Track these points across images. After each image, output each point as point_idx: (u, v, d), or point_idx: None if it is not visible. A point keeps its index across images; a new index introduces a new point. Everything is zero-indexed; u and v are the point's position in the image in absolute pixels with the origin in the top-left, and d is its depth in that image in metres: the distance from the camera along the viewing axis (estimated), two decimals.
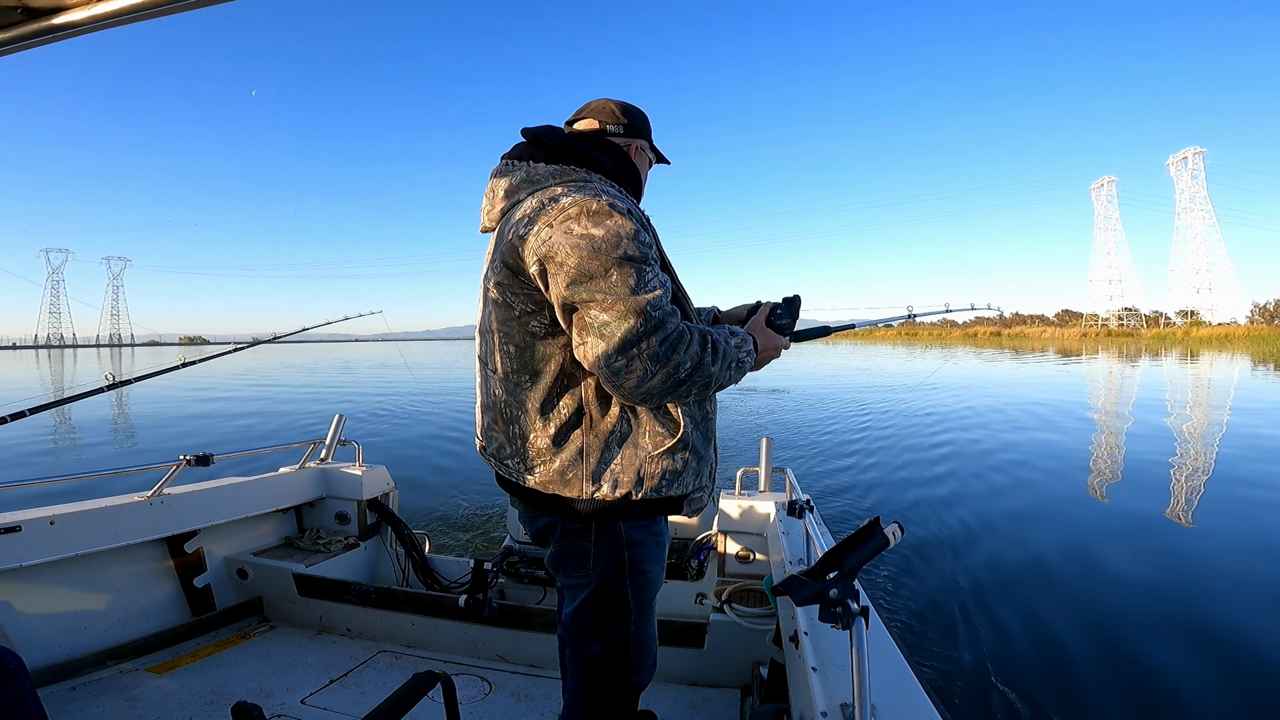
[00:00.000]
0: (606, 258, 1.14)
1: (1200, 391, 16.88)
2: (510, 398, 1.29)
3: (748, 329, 1.39)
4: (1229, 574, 4.12)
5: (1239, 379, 20.73)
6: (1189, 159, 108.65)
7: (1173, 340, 74.06)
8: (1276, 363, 29.26)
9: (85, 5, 0.93)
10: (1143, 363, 30.99)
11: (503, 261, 1.25)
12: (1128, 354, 41.54)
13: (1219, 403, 14.10)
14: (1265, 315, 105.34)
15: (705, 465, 1.35)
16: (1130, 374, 24.03)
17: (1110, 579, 4.07)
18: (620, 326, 1.13)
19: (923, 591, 3.87)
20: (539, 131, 1.35)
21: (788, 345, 1.46)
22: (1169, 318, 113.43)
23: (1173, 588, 3.93)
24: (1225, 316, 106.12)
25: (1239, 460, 7.55)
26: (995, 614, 3.59)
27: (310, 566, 2.73)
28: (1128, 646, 3.22)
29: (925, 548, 4.60)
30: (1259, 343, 56.49)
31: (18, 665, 1.12)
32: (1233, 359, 33.86)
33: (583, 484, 1.24)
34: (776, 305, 1.45)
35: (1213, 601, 3.71)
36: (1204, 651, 3.14)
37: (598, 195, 1.20)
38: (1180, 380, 20.61)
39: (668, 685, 2.22)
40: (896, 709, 1.09)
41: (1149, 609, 3.63)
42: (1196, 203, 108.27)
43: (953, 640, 3.31)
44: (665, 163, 1.57)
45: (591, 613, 1.35)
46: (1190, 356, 37.28)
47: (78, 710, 2.02)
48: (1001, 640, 3.30)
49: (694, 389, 1.21)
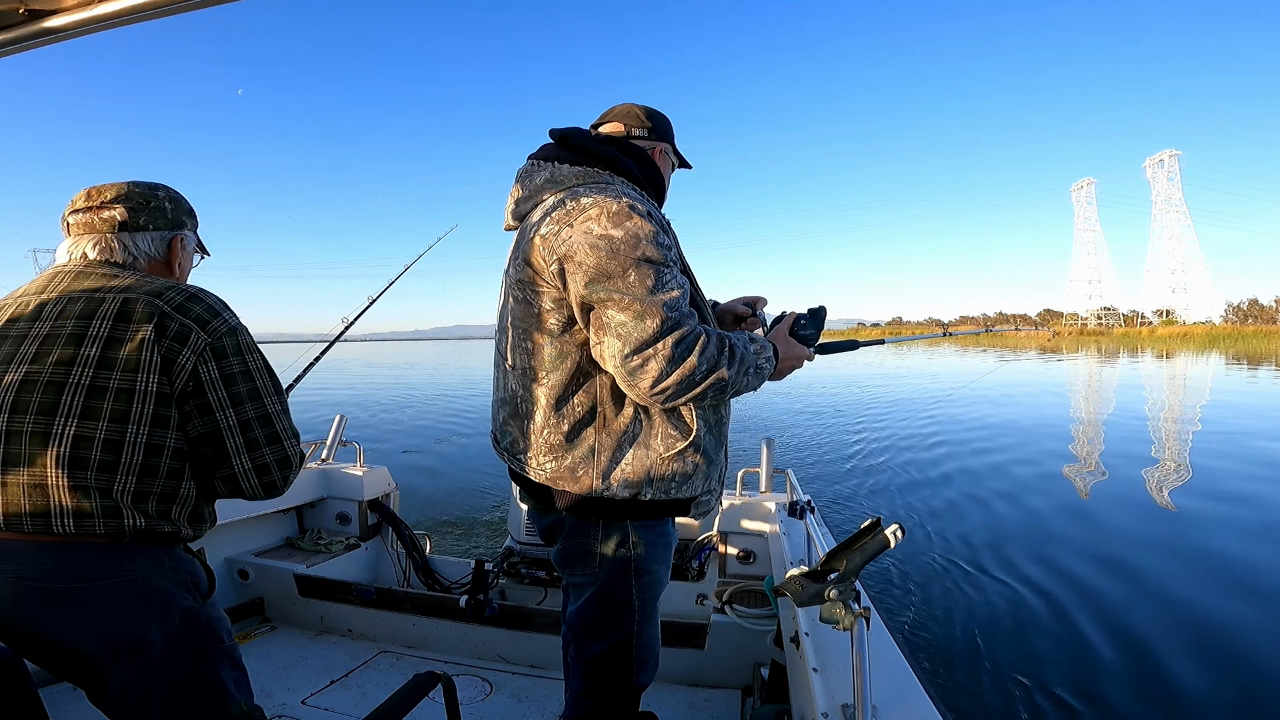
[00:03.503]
0: (625, 258, 1.15)
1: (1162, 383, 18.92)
2: (526, 393, 1.29)
3: (769, 337, 1.39)
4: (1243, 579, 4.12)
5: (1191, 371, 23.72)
6: (1165, 161, 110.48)
7: (1137, 339, 78.16)
8: (1233, 355, 34.49)
9: (86, 6, 0.93)
10: (1118, 360, 33.35)
11: (524, 259, 1.26)
12: (1103, 352, 44.27)
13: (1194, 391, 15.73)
14: (1239, 315, 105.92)
15: (715, 469, 1.35)
16: (1104, 371, 25.65)
17: (1114, 580, 4.06)
18: (637, 327, 1.14)
19: (924, 592, 3.87)
20: (566, 133, 1.36)
21: (811, 357, 1.46)
22: (1146, 317, 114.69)
23: (1183, 588, 3.92)
24: (1200, 316, 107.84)
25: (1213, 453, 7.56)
26: (996, 614, 3.59)
27: (311, 567, 2.73)
28: (1131, 648, 3.21)
29: (926, 548, 4.60)
30: (1215, 340, 62.74)
31: (18, 665, 1.12)
32: (1196, 355, 37.77)
33: (593, 481, 1.24)
34: (801, 316, 1.45)
35: (1230, 612, 3.70)
36: (1214, 661, 3.13)
37: (618, 197, 1.21)
38: (1151, 374, 23.08)
39: (669, 686, 2.22)
40: (897, 710, 1.09)
41: (1150, 608, 3.63)
42: (1172, 204, 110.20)
43: (954, 641, 3.31)
44: (687, 166, 1.58)
45: (596, 611, 1.35)
46: (1143, 353, 41.42)
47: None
48: (1003, 640, 3.30)
49: (710, 392, 1.20)
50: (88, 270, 1.15)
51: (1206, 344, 57.21)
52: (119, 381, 1.05)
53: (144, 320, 1.08)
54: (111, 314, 1.08)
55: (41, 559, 1.01)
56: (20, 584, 1.00)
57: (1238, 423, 10.54)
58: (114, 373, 1.05)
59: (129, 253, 1.20)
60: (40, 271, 1.20)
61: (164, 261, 1.26)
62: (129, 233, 1.20)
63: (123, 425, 1.04)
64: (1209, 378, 21.97)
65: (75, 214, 1.20)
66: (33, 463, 1.01)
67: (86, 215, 1.19)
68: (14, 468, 1.01)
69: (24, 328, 1.08)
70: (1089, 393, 17.39)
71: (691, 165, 1.58)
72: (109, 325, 1.07)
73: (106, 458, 1.03)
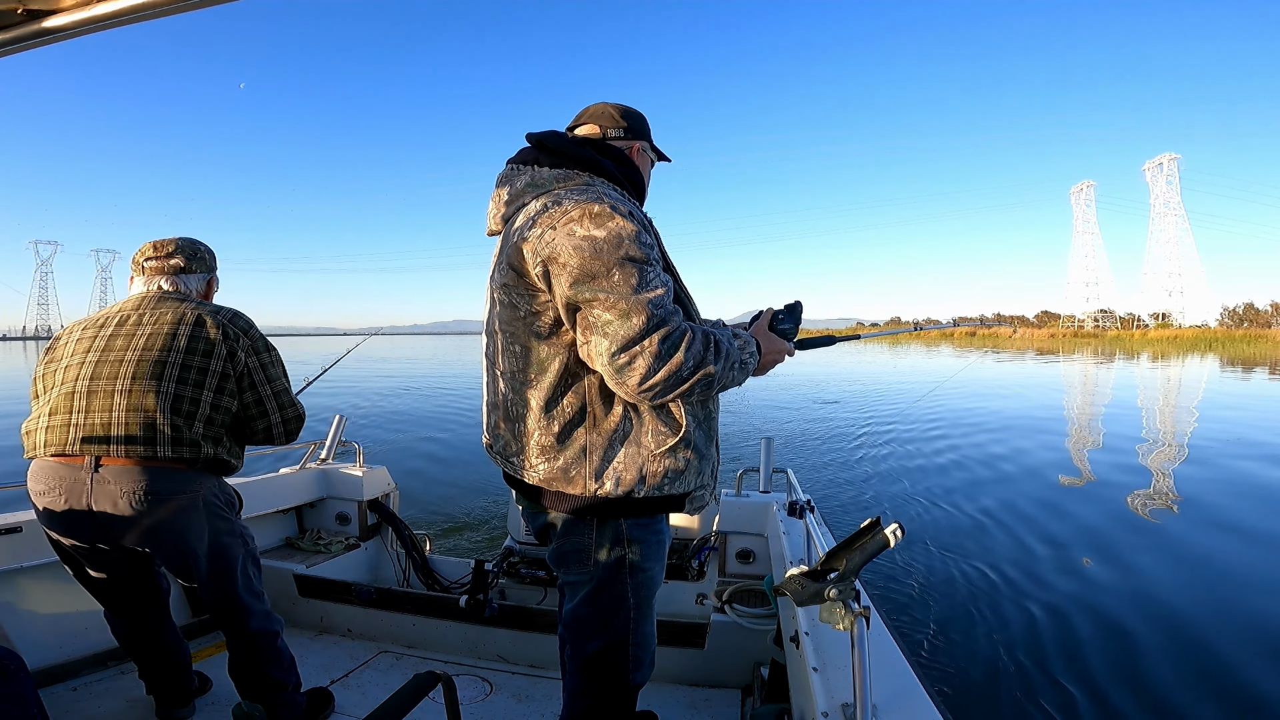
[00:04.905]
0: (608, 258, 1.16)
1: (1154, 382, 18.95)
2: (516, 396, 1.31)
3: (750, 333, 1.41)
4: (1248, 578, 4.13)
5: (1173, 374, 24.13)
6: (1164, 164, 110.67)
7: (1129, 341, 79.64)
8: (1222, 359, 35.83)
9: (84, 6, 0.93)
10: (1106, 361, 34.16)
11: (508, 264, 1.27)
12: (1096, 353, 45.48)
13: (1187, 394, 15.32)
14: (1234, 318, 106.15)
15: (707, 464, 1.36)
16: (1094, 371, 26.13)
17: (1113, 578, 4.07)
18: (623, 325, 1.15)
19: (924, 591, 3.87)
20: (543, 136, 1.37)
21: (793, 352, 1.49)
22: (1142, 320, 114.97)
23: (1184, 588, 3.92)
24: (1196, 319, 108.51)
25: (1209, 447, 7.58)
26: (997, 613, 3.59)
27: (311, 567, 2.74)
28: (1131, 646, 3.22)
29: (926, 548, 4.60)
30: (1204, 344, 65.05)
31: (18, 666, 1.12)
32: (1185, 358, 38.86)
33: (586, 481, 1.26)
34: (779, 311, 1.48)
35: (1230, 612, 3.70)
36: (1215, 661, 3.13)
37: (599, 198, 1.22)
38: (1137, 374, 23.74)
39: (668, 686, 2.22)
40: (897, 709, 1.09)
41: (1151, 609, 3.63)
42: (1170, 207, 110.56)
43: (954, 640, 3.31)
44: (666, 160, 1.59)
45: (591, 609, 1.36)
46: (1126, 355, 42.70)
47: (79, 711, 2.02)
48: (1003, 639, 3.30)
49: (697, 387, 1.22)
50: (165, 297, 1.78)
51: (1195, 347, 58.92)
52: (199, 362, 1.68)
53: (214, 328, 1.72)
54: (191, 322, 1.71)
55: (150, 476, 1.60)
56: (134, 495, 1.59)
57: None
58: (195, 357, 1.68)
59: (187, 287, 1.83)
60: (40, 261, 1.73)
61: (204, 293, 1.89)
62: (185, 274, 1.83)
63: (200, 390, 1.67)
64: (1195, 379, 22.11)
65: (149, 260, 1.81)
66: (147, 409, 1.61)
67: (158, 262, 1.81)
68: (135, 412, 1.60)
69: (132, 329, 1.69)
70: (1084, 393, 17.45)
71: (671, 159, 1.60)
72: (190, 328, 1.70)
73: (191, 410, 1.65)
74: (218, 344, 1.70)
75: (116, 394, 1.61)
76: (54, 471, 1.61)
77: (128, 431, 1.59)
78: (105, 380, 1.62)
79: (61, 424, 1.61)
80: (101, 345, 1.68)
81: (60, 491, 1.61)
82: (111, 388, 1.61)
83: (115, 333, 1.69)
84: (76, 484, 1.59)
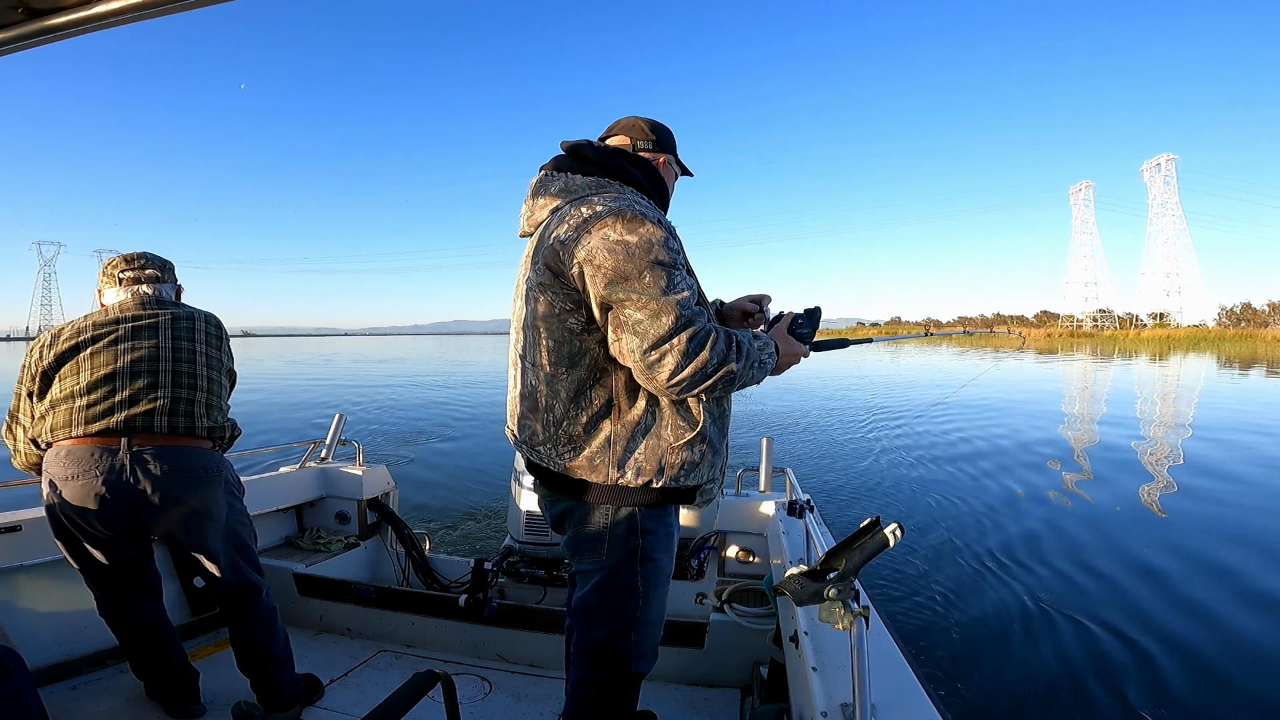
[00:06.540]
0: (640, 261, 1.25)
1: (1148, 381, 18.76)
2: (547, 388, 1.38)
3: (770, 335, 1.49)
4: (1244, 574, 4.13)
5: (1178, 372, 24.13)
6: (1162, 165, 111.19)
7: (1124, 341, 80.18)
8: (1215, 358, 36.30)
9: (85, 5, 0.93)
10: (1102, 360, 34.60)
11: (545, 264, 1.35)
12: (1090, 352, 46.12)
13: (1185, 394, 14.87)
14: (1231, 318, 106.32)
15: (719, 459, 1.45)
16: (1089, 370, 26.50)
17: (1113, 578, 4.07)
18: (653, 324, 1.24)
19: (923, 591, 3.87)
20: (576, 145, 1.47)
21: (807, 354, 1.56)
22: (1140, 319, 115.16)
23: (1183, 588, 3.93)
24: (1194, 319, 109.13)
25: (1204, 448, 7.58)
26: (996, 613, 3.60)
27: (310, 566, 2.74)
28: (1131, 648, 3.22)
29: (925, 547, 4.61)
30: (1198, 343, 67.63)
31: (18, 665, 1.12)
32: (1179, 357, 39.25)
33: (609, 469, 1.34)
34: (798, 315, 1.56)
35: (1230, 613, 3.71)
36: (1214, 661, 3.13)
37: (631, 206, 1.31)
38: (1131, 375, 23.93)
39: (668, 685, 2.22)
40: (896, 709, 1.09)
41: (1151, 609, 3.63)
42: (1168, 208, 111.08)
43: (953, 640, 3.31)
44: (688, 174, 1.68)
45: (600, 597, 1.43)
46: (1119, 355, 43.19)
47: (78, 710, 2.02)
48: (1003, 639, 3.31)
49: (720, 384, 1.29)
50: (161, 300, 1.96)
51: (1189, 346, 59.77)
52: (214, 356, 1.95)
53: (217, 327, 2.00)
54: (202, 320, 1.96)
55: (188, 454, 1.83)
56: (174, 471, 1.78)
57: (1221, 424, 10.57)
58: (213, 350, 1.96)
59: (167, 294, 2.00)
60: (43, 262, 1.88)
61: (177, 299, 2.06)
62: (162, 283, 2.00)
63: (219, 381, 1.96)
64: (1186, 377, 22.10)
65: (124, 272, 1.96)
66: (190, 398, 1.85)
67: (135, 272, 1.97)
68: (179, 400, 1.83)
69: (151, 325, 1.87)
70: (1082, 393, 17.46)
71: (692, 174, 1.69)
72: (202, 327, 1.95)
73: (214, 400, 1.91)
74: (224, 341, 2.01)
75: (161, 374, 1.81)
76: (86, 453, 1.71)
77: (170, 413, 1.79)
78: (147, 363, 1.81)
79: (105, 407, 1.74)
80: (128, 337, 1.83)
81: (98, 472, 1.70)
82: (155, 369, 1.81)
83: (136, 328, 1.85)
84: (116, 463, 1.71)
